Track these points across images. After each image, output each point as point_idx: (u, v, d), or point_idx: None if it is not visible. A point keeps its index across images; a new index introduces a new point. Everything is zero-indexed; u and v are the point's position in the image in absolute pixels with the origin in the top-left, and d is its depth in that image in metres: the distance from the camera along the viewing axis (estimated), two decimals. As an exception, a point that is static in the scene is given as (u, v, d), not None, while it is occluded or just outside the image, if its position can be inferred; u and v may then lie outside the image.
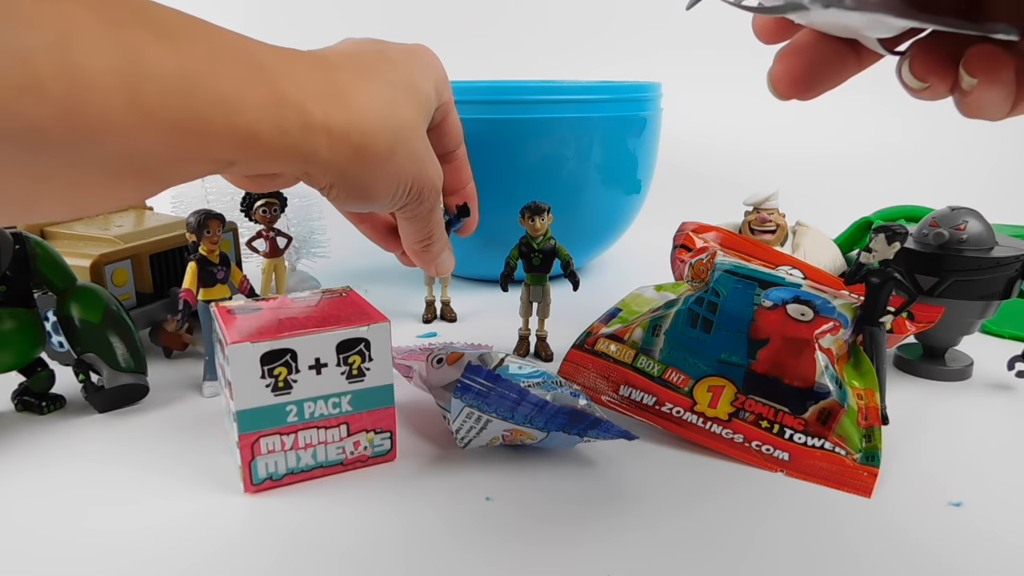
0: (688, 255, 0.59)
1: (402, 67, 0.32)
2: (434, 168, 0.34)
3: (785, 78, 0.25)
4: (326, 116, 0.27)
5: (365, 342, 0.39)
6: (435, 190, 0.34)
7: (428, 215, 0.35)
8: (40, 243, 0.47)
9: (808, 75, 0.25)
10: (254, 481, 0.38)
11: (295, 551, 0.34)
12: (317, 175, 0.29)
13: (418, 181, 0.32)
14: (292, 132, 0.26)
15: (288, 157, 0.26)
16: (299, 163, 0.27)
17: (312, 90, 0.27)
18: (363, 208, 0.33)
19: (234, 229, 0.67)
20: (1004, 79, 0.21)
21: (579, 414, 0.38)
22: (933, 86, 0.22)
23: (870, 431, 0.42)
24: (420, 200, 0.33)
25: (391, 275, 0.84)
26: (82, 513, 0.37)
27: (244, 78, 0.24)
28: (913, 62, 0.22)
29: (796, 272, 0.54)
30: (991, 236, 0.53)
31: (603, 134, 0.71)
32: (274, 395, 0.37)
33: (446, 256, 0.39)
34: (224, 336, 0.37)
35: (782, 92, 0.26)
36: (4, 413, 0.48)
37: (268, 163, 0.26)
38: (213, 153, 0.24)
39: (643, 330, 0.49)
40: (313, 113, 0.26)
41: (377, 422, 0.40)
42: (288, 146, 0.26)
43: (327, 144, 0.27)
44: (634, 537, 0.35)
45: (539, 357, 0.58)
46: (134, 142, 0.22)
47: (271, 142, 0.25)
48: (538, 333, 0.59)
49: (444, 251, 0.39)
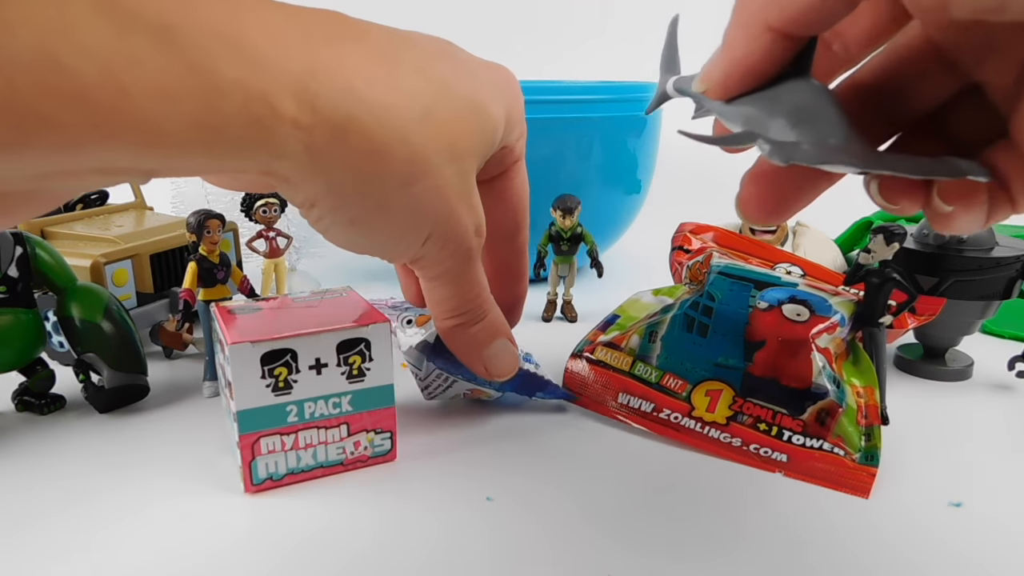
0: (686, 257, 0.59)
1: (470, 74, 0.24)
2: (471, 213, 0.24)
3: (754, 203, 0.23)
4: (301, 102, 0.19)
5: (365, 342, 0.39)
6: (465, 244, 0.25)
7: (456, 278, 0.26)
8: (40, 243, 0.47)
9: (778, 199, 0.23)
10: (254, 481, 0.38)
11: (296, 551, 0.34)
12: (291, 184, 0.21)
13: (442, 226, 0.23)
14: (223, 119, 0.18)
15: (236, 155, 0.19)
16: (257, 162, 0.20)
17: (286, 65, 0.19)
18: (359, 247, 0.25)
19: (234, 229, 0.67)
20: (978, 203, 0.20)
21: (531, 376, 0.46)
22: (903, 207, 0.21)
23: (869, 430, 0.42)
24: (445, 253, 0.24)
25: (391, 275, 0.84)
26: (81, 513, 0.37)
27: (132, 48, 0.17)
28: (882, 185, 0.21)
29: (795, 269, 0.53)
30: (991, 236, 0.53)
31: (603, 134, 0.71)
32: (274, 395, 0.37)
33: (500, 348, 0.29)
34: (224, 336, 0.37)
35: (753, 218, 0.24)
36: (4, 413, 0.48)
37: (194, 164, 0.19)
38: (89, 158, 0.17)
39: (640, 337, 0.48)
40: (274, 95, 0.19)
41: (377, 422, 0.40)
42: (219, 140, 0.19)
43: (301, 141, 0.20)
44: (634, 538, 0.35)
45: (566, 318, 0.68)
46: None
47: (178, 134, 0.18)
48: (564, 297, 0.68)
49: (494, 341, 0.28)
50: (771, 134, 0.20)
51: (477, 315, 0.28)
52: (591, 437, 0.45)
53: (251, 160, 0.20)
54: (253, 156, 0.20)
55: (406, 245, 0.24)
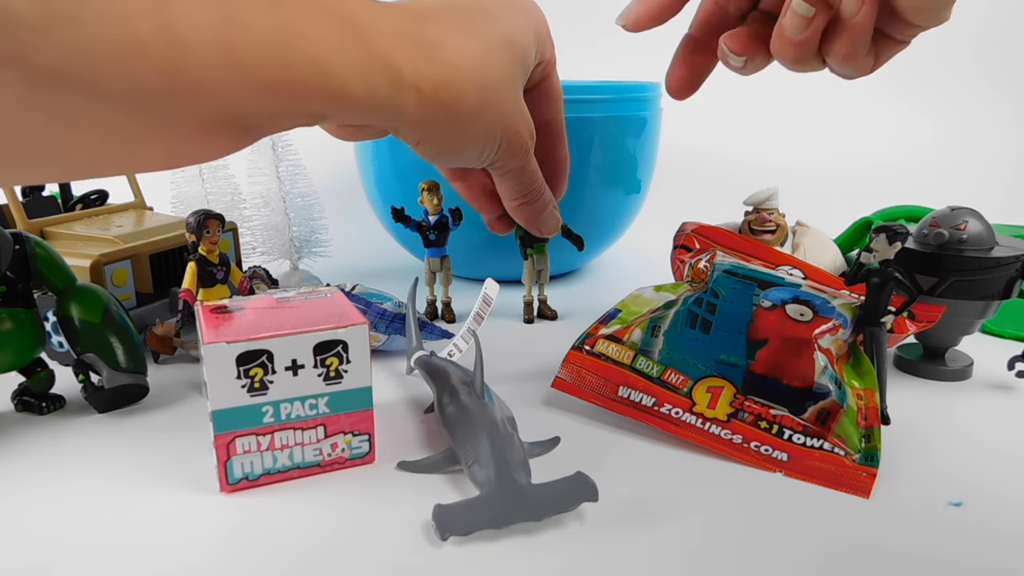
0: (688, 255, 0.59)
1: (500, 19, 0.31)
2: (524, 124, 0.33)
3: (682, 84, 0.35)
4: (416, 73, 0.27)
5: (343, 344, 0.38)
6: (524, 147, 0.33)
7: (520, 171, 0.34)
8: (40, 243, 0.47)
9: (694, 79, 0.35)
10: (230, 481, 0.38)
11: (269, 551, 0.34)
12: (405, 131, 0.29)
13: (507, 137, 0.32)
14: (381, 90, 0.26)
15: (378, 113, 0.27)
16: (389, 119, 0.28)
17: (402, 46, 0.27)
18: (451, 163, 0.33)
19: (234, 229, 0.67)
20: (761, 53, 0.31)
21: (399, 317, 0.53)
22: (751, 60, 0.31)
23: (869, 431, 0.42)
24: (510, 156, 0.33)
25: (392, 275, 0.84)
26: (80, 513, 0.37)
27: (335, 36, 0.25)
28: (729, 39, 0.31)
29: (796, 272, 0.54)
30: (991, 236, 0.53)
31: (603, 134, 0.71)
32: (250, 396, 0.37)
33: (549, 214, 0.38)
34: (202, 336, 0.38)
35: (679, 95, 0.36)
36: (4, 413, 0.48)
37: (358, 118, 0.27)
38: (306, 108, 0.25)
39: (642, 331, 0.48)
40: (403, 70, 0.27)
41: (355, 424, 0.40)
42: (378, 104, 0.26)
43: (416, 101, 0.27)
44: (632, 537, 0.35)
45: (545, 316, 0.68)
46: (231, 99, 0.23)
47: (361, 100, 0.26)
48: (540, 297, 0.68)
49: (546, 209, 0.37)
50: None
51: (535, 196, 0.36)
52: (575, 435, 0.45)
53: (385, 116, 0.27)
54: (386, 113, 0.27)
55: (484, 156, 0.32)
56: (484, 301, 0.50)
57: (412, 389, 0.52)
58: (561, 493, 0.35)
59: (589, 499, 0.35)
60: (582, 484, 0.36)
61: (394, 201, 0.73)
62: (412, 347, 0.52)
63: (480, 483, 0.36)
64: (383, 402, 0.50)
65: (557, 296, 0.75)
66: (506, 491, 0.35)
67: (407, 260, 0.89)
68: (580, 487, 0.35)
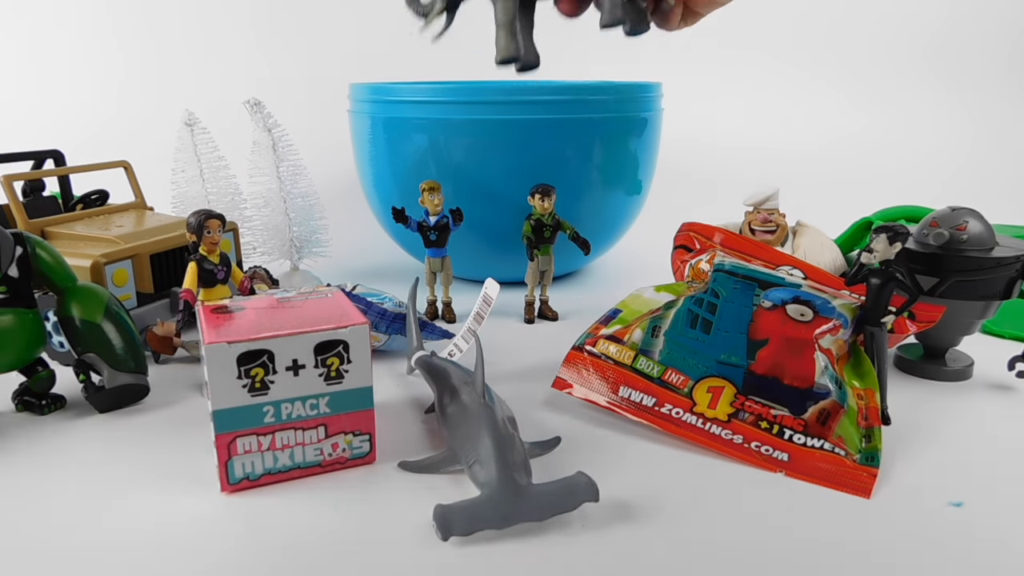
0: (688, 256, 0.59)
1: None
2: None
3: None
4: None
5: (344, 344, 0.38)
6: None
7: None
8: (41, 243, 0.47)
9: None
10: (231, 481, 0.38)
11: (269, 551, 0.34)
12: None
13: None
14: None
15: None
16: None
17: None
18: None
19: (234, 229, 0.67)
20: None
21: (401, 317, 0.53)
22: None
23: (870, 431, 0.42)
24: None
25: (392, 275, 0.84)
26: (81, 513, 0.37)
27: None
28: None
29: (797, 272, 0.54)
30: (991, 236, 0.53)
31: (604, 134, 0.71)
32: (251, 395, 0.37)
33: None
34: (203, 336, 0.38)
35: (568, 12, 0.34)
36: (4, 413, 0.48)
37: None
38: None
39: (642, 331, 0.48)
40: None
41: (356, 424, 0.40)
42: None
43: None
44: (633, 537, 0.35)
45: (546, 317, 0.68)
46: None
47: None
48: (541, 298, 0.68)
49: None
50: None
51: None
52: (575, 434, 0.45)
53: None
54: None
55: None
56: (484, 301, 0.50)
57: (413, 389, 0.52)
58: (562, 493, 0.35)
59: (590, 499, 0.35)
60: (582, 484, 0.36)
61: (394, 201, 0.73)
62: (412, 347, 0.52)
63: (481, 483, 0.36)
64: (384, 402, 0.50)
65: (558, 296, 0.75)
66: (507, 491, 0.35)
67: (407, 260, 0.89)
68: (580, 487, 0.35)
